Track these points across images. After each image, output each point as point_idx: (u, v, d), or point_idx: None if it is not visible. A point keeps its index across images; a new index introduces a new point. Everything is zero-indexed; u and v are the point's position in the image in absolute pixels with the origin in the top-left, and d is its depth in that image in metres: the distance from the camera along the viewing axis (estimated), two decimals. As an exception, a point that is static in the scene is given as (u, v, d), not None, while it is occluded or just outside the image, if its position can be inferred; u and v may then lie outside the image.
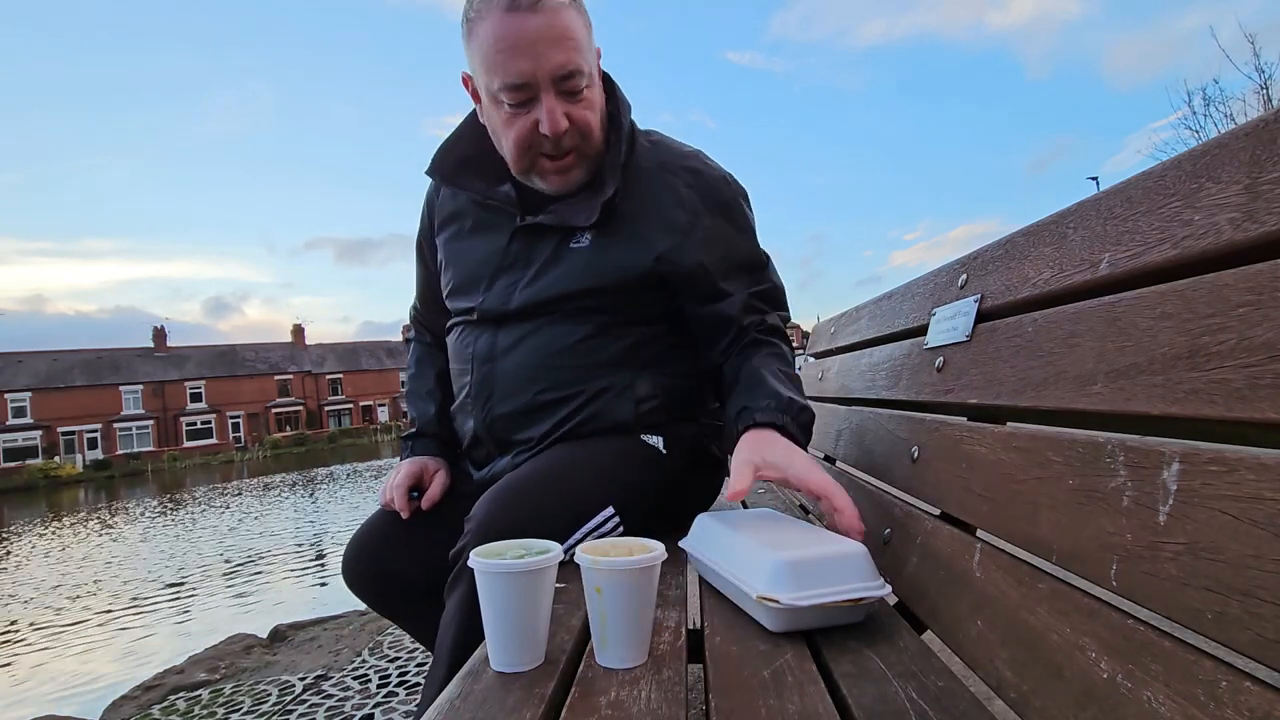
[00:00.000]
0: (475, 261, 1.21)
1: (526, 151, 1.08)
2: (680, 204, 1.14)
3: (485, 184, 1.20)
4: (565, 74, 1.02)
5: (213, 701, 2.32)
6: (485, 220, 1.22)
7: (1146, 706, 0.47)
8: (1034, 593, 0.63)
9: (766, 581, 0.74)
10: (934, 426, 0.96)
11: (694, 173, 1.17)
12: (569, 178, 1.12)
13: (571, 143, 1.08)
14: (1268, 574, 0.41)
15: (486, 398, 1.16)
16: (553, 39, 1.00)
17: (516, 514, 0.98)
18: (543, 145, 1.07)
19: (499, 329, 1.17)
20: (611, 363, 1.14)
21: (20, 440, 40.23)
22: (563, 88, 1.04)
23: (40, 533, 13.63)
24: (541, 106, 1.03)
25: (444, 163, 1.22)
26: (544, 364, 1.14)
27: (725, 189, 1.19)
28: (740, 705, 0.58)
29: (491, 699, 0.62)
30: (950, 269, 1.04)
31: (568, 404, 1.13)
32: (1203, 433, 0.50)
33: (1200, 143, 0.55)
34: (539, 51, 1.00)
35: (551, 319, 1.14)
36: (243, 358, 48.77)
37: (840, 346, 1.69)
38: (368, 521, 1.24)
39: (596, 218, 1.10)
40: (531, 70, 1.01)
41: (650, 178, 1.15)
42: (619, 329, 1.15)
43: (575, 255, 1.13)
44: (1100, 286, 0.65)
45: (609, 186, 1.11)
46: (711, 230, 1.15)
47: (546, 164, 1.10)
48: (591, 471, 1.07)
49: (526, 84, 1.02)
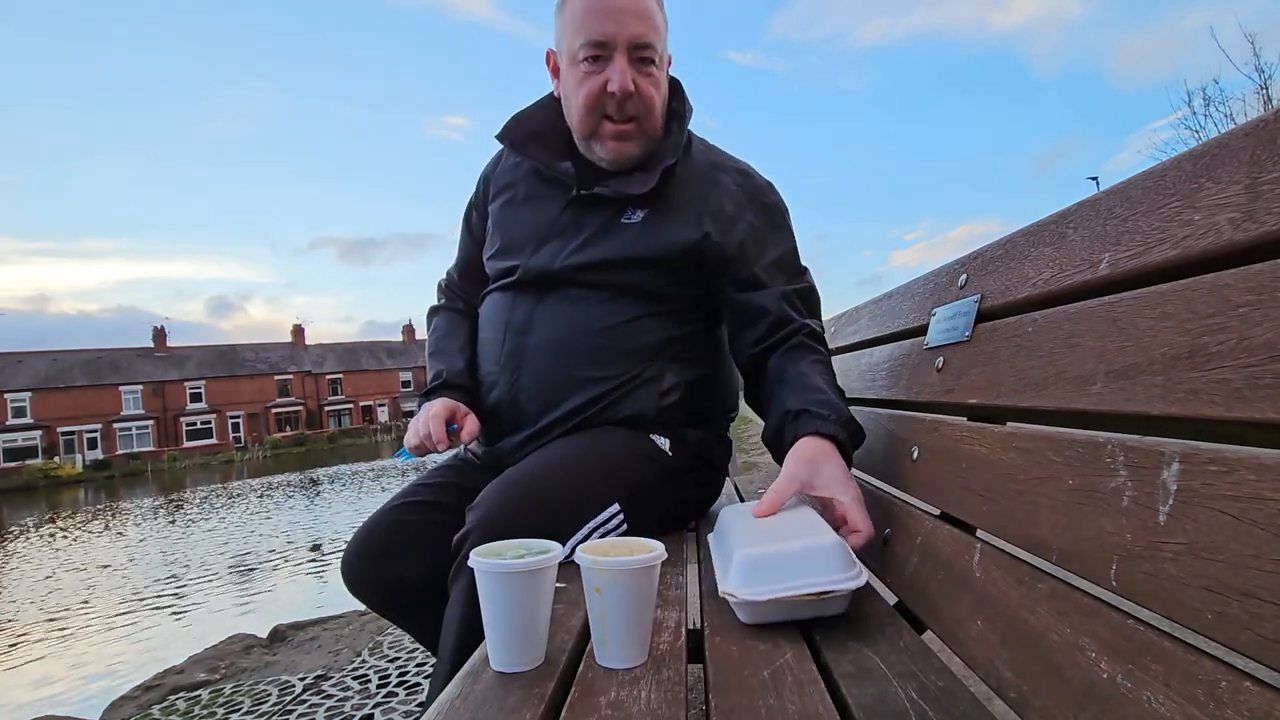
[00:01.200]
0: (526, 226, 1.25)
1: (593, 110, 1.16)
2: (729, 196, 1.21)
3: (549, 155, 1.25)
4: (641, 43, 1.13)
5: (213, 701, 2.32)
6: (540, 191, 1.26)
7: (1146, 706, 0.47)
8: (1034, 593, 0.63)
9: (732, 577, 0.76)
10: (934, 426, 0.96)
11: (744, 174, 1.26)
12: (626, 146, 1.19)
13: (634, 110, 1.16)
14: (1268, 574, 0.41)
15: (515, 368, 1.18)
16: (636, 13, 1.13)
17: (522, 507, 0.98)
18: (608, 105, 1.15)
19: (538, 300, 1.20)
20: (646, 351, 1.18)
21: (20, 440, 40.23)
22: (636, 55, 1.14)
23: (51, 530, 13.62)
24: (614, 66, 1.13)
25: (515, 131, 1.28)
26: (581, 341, 1.16)
27: (771, 194, 1.27)
28: (740, 705, 0.58)
29: (491, 699, 0.62)
30: (950, 269, 1.04)
31: (599, 385, 1.15)
32: (1203, 433, 0.50)
33: (1200, 143, 0.55)
34: (622, 19, 1.12)
35: (593, 295, 1.17)
36: (243, 358, 48.78)
37: (840, 346, 1.69)
38: (367, 524, 1.24)
39: (654, 185, 1.16)
40: (614, 32, 1.11)
41: (703, 172, 1.23)
42: (658, 318, 1.18)
43: (625, 229, 1.18)
44: (1100, 286, 0.65)
45: (668, 158, 1.19)
46: (755, 225, 1.21)
47: (609, 126, 1.17)
48: (598, 468, 1.07)
49: (605, 43, 1.12)
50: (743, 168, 1.27)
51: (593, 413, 1.15)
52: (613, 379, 1.15)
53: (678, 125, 1.24)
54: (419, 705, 2.00)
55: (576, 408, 1.14)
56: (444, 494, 1.25)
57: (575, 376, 1.15)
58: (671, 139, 1.22)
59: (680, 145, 1.21)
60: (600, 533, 1.04)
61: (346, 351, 53.68)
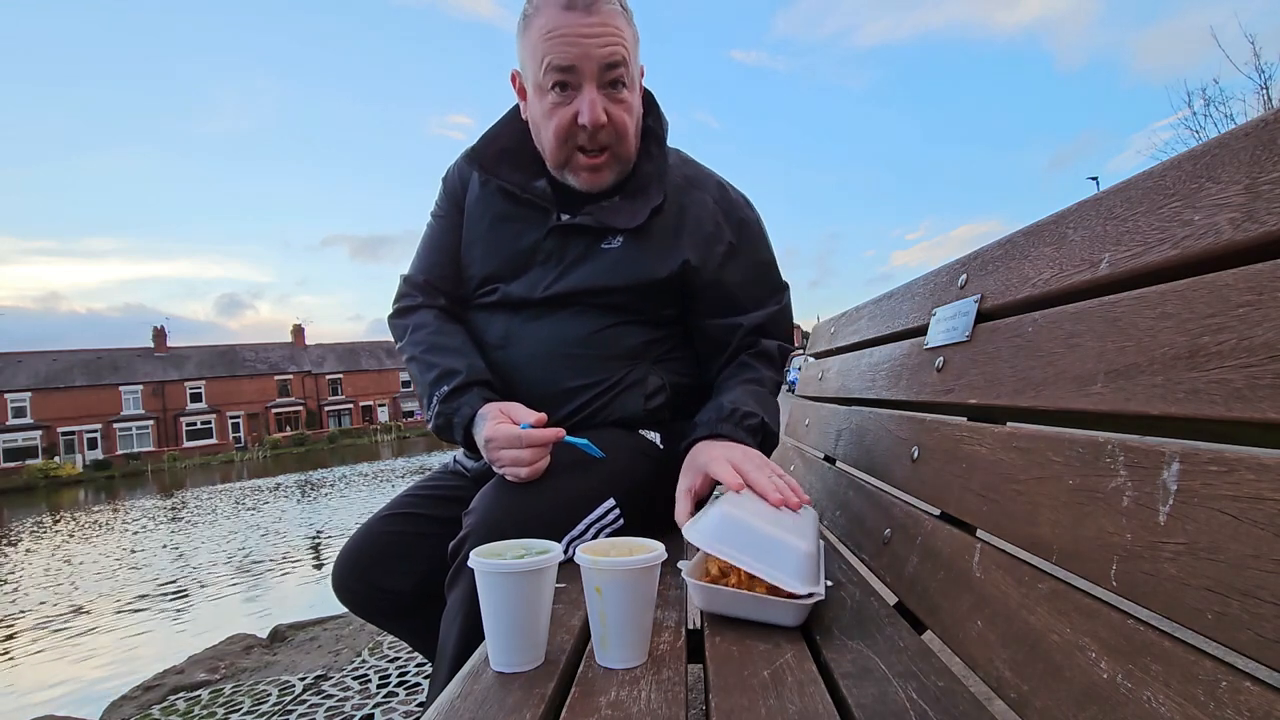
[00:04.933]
0: (505, 251, 1.22)
1: (564, 143, 1.12)
2: (708, 219, 1.20)
3: (523, 177, 1.22)
4: (610, 64, 1.07)
5: (213, 701, 2.32)
6: (515, 212, 1.23)
7: (1146, 706, 0.47)
8: (1034, 593, 0.63)
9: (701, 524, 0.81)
10: (934, 426, 0.96)
11: (721, 188, 1.25)
12: (600, 176, 1.17)
13: (607, 140, 1.12)
14: (1268, 574, 0.41)
15: (502, 383, 1.17)
16: (602, 34, 1.06)
17: (519, 506, 0.98)
18: (580, 137, 1.11)
19: (513, 316, 1.19)
20: (627, 355, 1.18)
21: (20, 440, 40.22)
22: (606, 78, 1.08)
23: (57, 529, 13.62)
24: (584, 98, 1.08)
25: (484, 153, 1.24)
26: (563, 352, 1.16)
27: (747, 209, 1.27)
28: (740, 705, 0.58)
29: (491, 699, 0.62)
30: (950, 269, 1.04)
31: (585, 392, 1.16)
32: (1203, 433, 0.50)
33: (1200, 143, 0.55)
34: (588, 44, 1.05)
35: (570, 311, 1.17)
36: (243, 358, 48.76)
37: (840, 346, 1.69)
38: (357, 534, 1.24)
39: (642, 223, 1.15)
40: (579, 57, 1.06)
41: (681, 191, 1.21)
42: (635, 325, 1.19)
43: (605, 255, 1.17)
44: (1100, 286, 0.65)
45: (655, 195, 1.17)
46: (733, 242, 1.21)
47: (581, 158, 1.14)
48: (591, 464, 1.07)
49: (573, 68, 1.06)
50: (719, 181, 1.27)
51: (581, 419, 1.15)
52: (597, 385, 1.16)
53: (658, 148, 1.21)
54: (419, 705, 2.00)
55: (566, 415, 1.15)
56: (433, 505, 1.25)
57: (562, 387, 1.15)
58: (653, 163, 1.20)
59: (663, 174, 1.19)
60: (597, 528, 1.04)
61: (346, 351, 53.67)
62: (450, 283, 1.30)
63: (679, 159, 1.27)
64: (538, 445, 1.00)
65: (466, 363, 1.15)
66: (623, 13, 1.10)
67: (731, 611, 0.78)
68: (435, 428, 1.15)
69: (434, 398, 1.13)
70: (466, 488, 1.18)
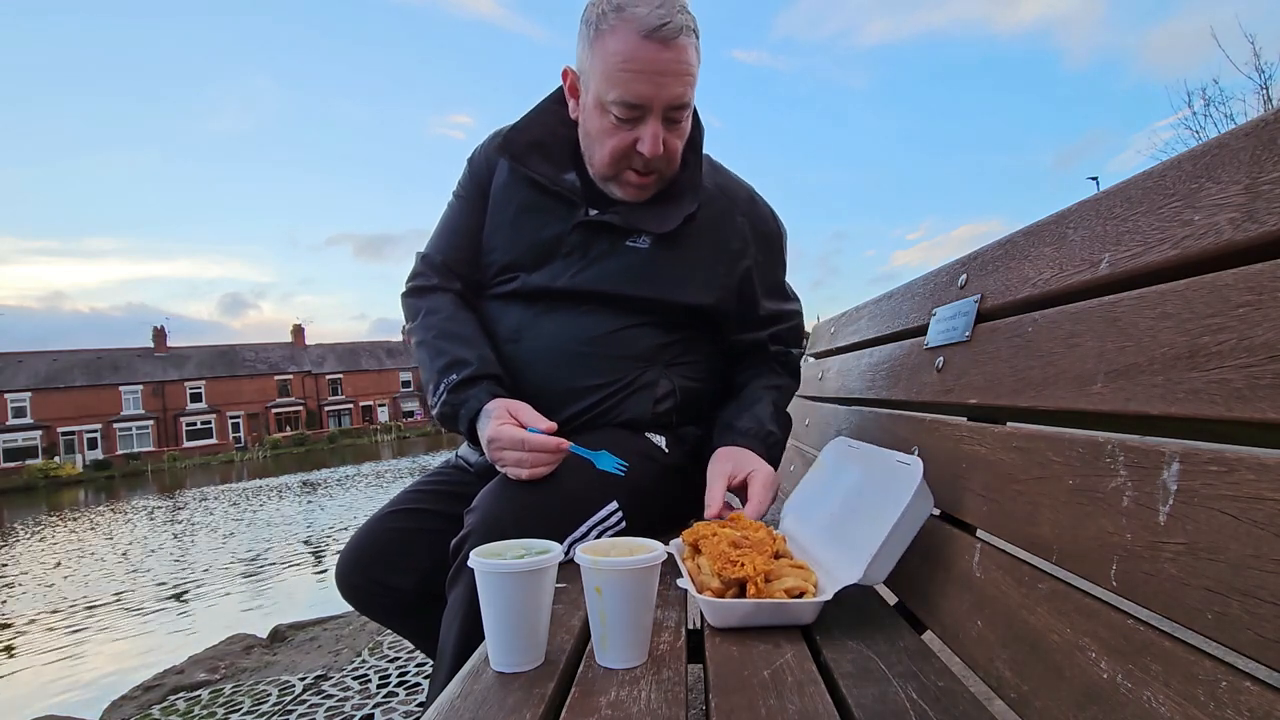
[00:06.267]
0: (527, 241, 1.22)
1: (618, 162, 1.14)
2: (735, 231, 1.23)
3: (552, 169, 1.22)
4: (678, 105, 1.08)
5: (213, 701, 2.32)
6: (541, 203, 1.22)
7: (1146, 706, 0.47)
8: (1034, 593, 0.63)
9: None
10: (934, 426, 0.96)
11: (750, 201, 1.28)
12: (645, 193, 1.19)
13: (659, 165, 1.15)
14: (1268, 574, 0.41)
15: (512, 377, 1.16)
16: (677, 73, 1.06)
17: (521, 506, 0.98)
18: (634, 161, 1.13)
19: (528, 308, 1.19)
20: (640, 358, 1.18)
21: (20, 440, 40.22)
22: (670, 116, 1.10)
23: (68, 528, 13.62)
24: (646, 129, 1.09)
25: (515, 143, 1.23)
26: (576, 350, 1.16)
27: (773, 222, 1.30)
28: (740, 705, 0.58)
29: (491, 699, 0.62)
30: (950, 269, 1.04)
31: (595, 392, 1.16)
32: (1203, 433, 0.50)
33: (1200, 143, 0.55)
34: (663, 81, 1.05)
35: (587, 308, 1.18)
36: (243, 358, 48.75)
37: (840, 346, 1.69)
38: (360, 531, 1.24)
39: (675, 228, 1.17)
40: (651, 95, 1.06)
41: (712, 198, 1.22)
42: (650, 328, 1.19)
43: (631, 254, 1.18)
44: (1100, 286, 0.65)
45: (689, 202, 1.18)
46: (757, 261, 1.25)
47: (632, 176, 1.15)
48: (594, 466, 1.07)
49: (642, 106, 1.07)
50: (749, 193, 1.29)
51: (589, 418, 1.15)
52: (608, 386, 1.16)
53: (694, 155, 1.21)
54: (419, 705, 2.00)
55: (573, 415, 1.15)
56: (436, 501, 1.24)
57: (572, 386, 1.15)
58: (689, 170, 1.20)
59: (698, 184, 1.19)
60: (599, 530, 1.04)
61: (346, 351, 53.67)
62: (467, 266, 1.29)
63: (710, 166, 1.27)
64: (539, 452, 1.00)
65: (478, 354, 1.14)
66: (695, 43, 1.08)
67: (751, 622, 0.76)
68: (440, 415, 1.15)
69: (442, 385, 1.13)
70: (470, 483, 1.18)
